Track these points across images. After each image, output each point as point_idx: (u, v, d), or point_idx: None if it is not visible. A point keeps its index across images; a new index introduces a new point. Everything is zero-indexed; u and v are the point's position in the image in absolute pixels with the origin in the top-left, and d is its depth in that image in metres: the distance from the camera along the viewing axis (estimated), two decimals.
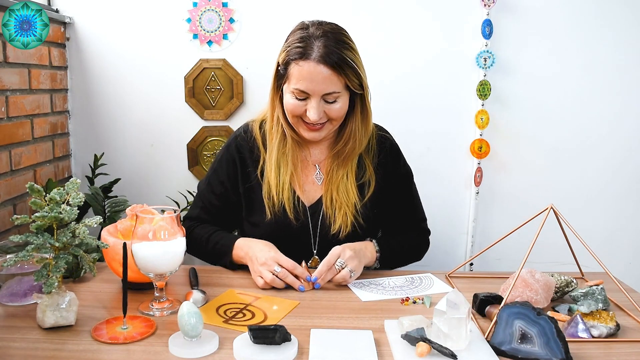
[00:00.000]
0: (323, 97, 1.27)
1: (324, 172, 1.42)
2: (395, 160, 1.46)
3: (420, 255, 1.50)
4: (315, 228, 1.38)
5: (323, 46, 1.24)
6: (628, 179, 2.14)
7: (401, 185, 1.47)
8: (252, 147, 1.41)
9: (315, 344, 0.94)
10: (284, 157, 1.37)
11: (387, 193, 1.43)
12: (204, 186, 1.45)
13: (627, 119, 2.09)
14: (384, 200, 1.42)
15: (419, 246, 1.50)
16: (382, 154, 1.43)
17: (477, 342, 0.95)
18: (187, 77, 2.04)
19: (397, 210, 1.46)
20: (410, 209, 1.50)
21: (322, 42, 1.24)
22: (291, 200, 1.36)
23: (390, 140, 1.48)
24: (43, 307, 0.99)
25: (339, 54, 1.24)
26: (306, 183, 1.41)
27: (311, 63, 1.23)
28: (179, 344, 0.93)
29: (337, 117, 1.31)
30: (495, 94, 2.06)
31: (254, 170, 1.39)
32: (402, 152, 1.49)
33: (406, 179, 1.49)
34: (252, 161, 1.40)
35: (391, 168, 1.44)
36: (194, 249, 1.39)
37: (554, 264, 1.62)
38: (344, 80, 1.26)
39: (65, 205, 1.01)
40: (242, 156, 1.41)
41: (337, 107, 1.29)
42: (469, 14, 2.01)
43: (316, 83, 1.24)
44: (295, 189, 1.38)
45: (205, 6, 2.01)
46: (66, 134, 2.07)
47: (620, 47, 2.04)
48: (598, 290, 1.11)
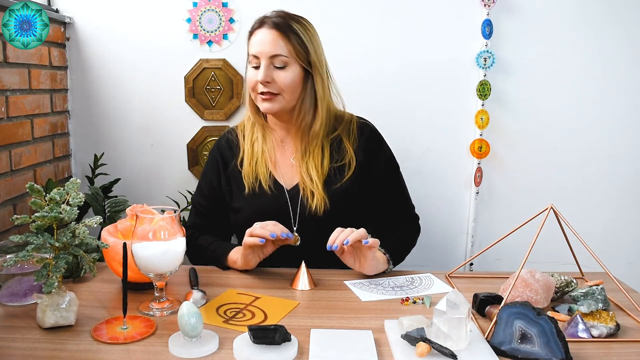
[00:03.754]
0: (272, 61, 1.36)
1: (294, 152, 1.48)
2: (377, 145, 1.50)
3: (414, 241, 1.53)
4: (295, 208, 1.41)
5: (277, 16, 1.39)
6: (628, 179, 2.14)
7: (386, 170, 1.50)
8: (233, 143, 1.50)
9: (315, 344, 0.94)
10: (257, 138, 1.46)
11: (370, 178, 1.46)
12: (196, 192, 1.54)
13: (627, 119, 2.09)
14: (366, 185, 1.45)
15: (412, 233, 1.53)
16: (362, 138, 1.47)
17: (477, 342, 0.95)
18: (187, 77, 2.04)
19: (386, 198, 1.49)
20: (399, 196, 1.53)
21: (277, 14, 1.40)
22: (267, 175, 1.43)
23: (371, 126, 1.52)
24: (43, 307, 0.99)
25: (287, 23, 1.37)
26: (283, 165, 1.47)
27: (263, 29, 1.37)
28: (179, 344, 0.93)
29: (285, 86, 1.37)
30: (495, 94, 2.06)
31: (235, 163, 1.47)
32: (384, 139, 1.52)
33: (391, 164, 1.52)
34: (232, 156, 1.49)
35: (373, 152, 1.48)
36: (195, 258, 1.44)
37: (554, 264, 1.62)
38: (290, 47, 1.36)
39: (65, 205, 1.01)
40: (223, 153, 1.50)
41: (285, 75, 1.36)
42: (469, 14, 2.01)
43: (264, 44, 1.36)
44: (269, 167, 1.45)
45: (205, 6, 2.00)
46: (66, 134, 2.06)
47: (621, 47, 2.04)
48: (598, 290, 1.11)
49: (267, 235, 1.23)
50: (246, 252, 1.28)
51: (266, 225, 1.26)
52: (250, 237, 1.25)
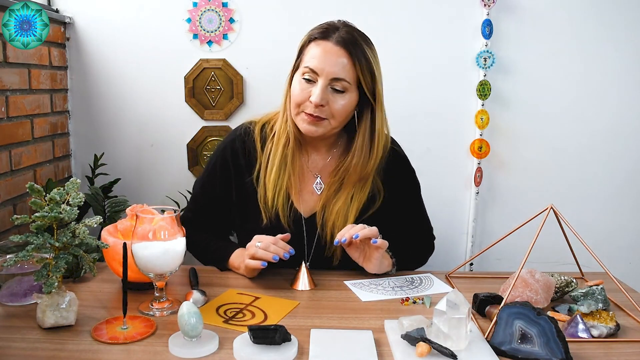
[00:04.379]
0: (331, 84, 1.23)
1: (324, 181, 1.37)
2: (406, 177, 1.43)
3: (425, 259, 1.49)
4: (311, 240, 1.35)
5: (346, 32, 1.25)
6: (628, 179, 2.14)
7: (410, 198, 1.44)
8: (250, 150, 1.37)
9: (315, 344, 0.94)
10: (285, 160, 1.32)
11: (395, 206, 1.39)
12: (198, 189, 1.44)
13: (627, 119, 2.09)
14: (390, 213, 1.38)
15: (426, 253, 1.50)
16: (392, 169, 1.39)
17: (477, 342, 0.95)
18: (187, 77, 2.04)
19: (407, 220, 1.44)
20: (420, 218, 1.48)
21: (346, 30, 1.26)
22: (286, 206, 1.32)
23: (401, 156, 1.44)
24: (43, 307, 0.99)
25: (357, 42, 1.24)
26: (304, 192, 1.37)
27: (329, 43, 1.23)
28: (179, 344, 0.93)
29: (338, 113, 1.25)
30: (495, 94, 2.06)
31: (248, 175, 1.36)
32: (412, 165, 1.45)
33: (415, 191, 1.46)
34: (247, 166, 1.36)
35: (400, 182, 1.41)
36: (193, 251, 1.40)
37: (554, 264, 1.62)
38: (356, 73, 1.24)
39: (65, 205, 1.01)
40: (238, 162, 1.37)
41: (343, 101, 1.25)
42: (469, 14, 2.01)
43: (328, 63, 1.22)
44: (290, 195, 1.34)
45: (205, 6, 2.01)
46: (66, 134, 2.07)
47: (620, 47, 2.04)
48: (598, 290, 1.11)
49: (269, 258, 1.17)
50: (248, 270, 1.25)
51: (268, 246, 1.19)
52: (252, 260, 1.20)
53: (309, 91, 1.24)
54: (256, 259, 1.20)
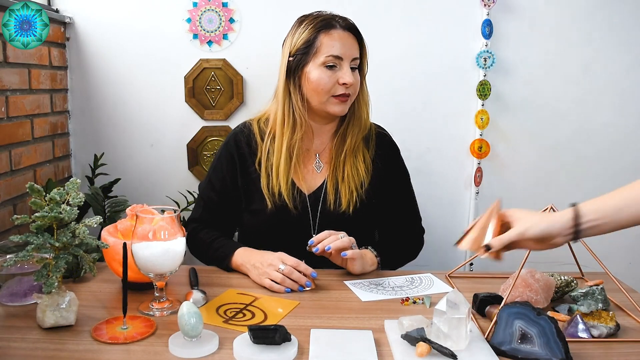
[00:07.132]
0: (351, 63, 1.37)
1: (323, 161, 1.46)
2: (394, 156, 1.51)
3: (415, 255, 1.52)
4: (315, 212, 1.41)
5: (343, 19, 1.40)
6: (628, 179, 2.12)
7: (400, 182, 1.51)
8: (250, 141, 1.45)
9: (315, 344, 0.94)
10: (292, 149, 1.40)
11: (385, 188, 1.46)
12: (205, 185, 1.49)
13: (627, 119, 2.09)
14: (381, 193, 1.45)
15: (414, 246, 1.52)
16: (380, 149, 1.48)
17: (477, 342, 0.95)
18: (187, 77, 2.04)
19: (395, 208, 1.49)
20: (408, 208, 1.53)
21: (339, 16, 1.41)
22: (290, 190, 1.39)
23: (389, 137, 1.54)
24: (43, 307, 0.99)
25: (354, 25, 1.41)
26: (306, 173, 1.45)
27: (339, 29, 1.37)
28: (179, 344, 0.93)
29: (357, 87, 1.39)
30: (495, 94, 2.06)
31: (252, 163, 1.43)
32: (400, 151, 1.53)
33: (404, 176, 1.53)
34: (250, 155, 1.44)
35: (390, 163, 1.49)
36: (196, 251, 1.43)
37: (554, 264, 1.61)
38: (360, 50, 1.40)
39: (65, 205, 1.01)
40: (241, 152, 1.45)
41: (358, 77, 1.39)
42: (469, 14, 2.01)
43: (347, 47, 1.36)
44: (295, 180, 1.41)
45: (205, 6, 2.00)
46: (66, 134, 2.06)
47: (620, 47, 2.04)
48: (598, 290, 1.11)
49: (294, 288, 1.22)
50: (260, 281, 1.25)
51: (291, 272, 1.22)
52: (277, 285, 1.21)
53: (335, 76, 1.35)
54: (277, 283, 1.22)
